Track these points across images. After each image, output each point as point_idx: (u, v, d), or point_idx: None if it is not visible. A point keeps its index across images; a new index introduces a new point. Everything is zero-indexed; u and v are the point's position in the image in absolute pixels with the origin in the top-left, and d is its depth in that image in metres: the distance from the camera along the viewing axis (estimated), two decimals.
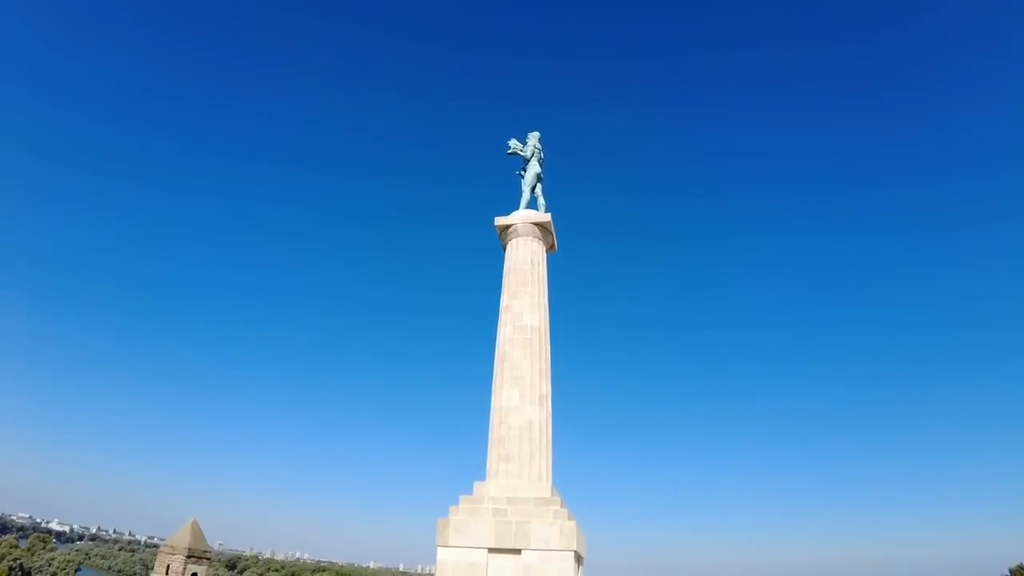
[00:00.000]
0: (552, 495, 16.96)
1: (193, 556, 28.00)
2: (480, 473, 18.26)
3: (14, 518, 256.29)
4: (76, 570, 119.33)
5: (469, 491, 17.41)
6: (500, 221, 20.88)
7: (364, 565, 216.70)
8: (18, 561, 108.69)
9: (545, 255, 20.83)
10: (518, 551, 15.69)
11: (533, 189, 21.73)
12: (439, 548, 16.12)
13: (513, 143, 22.29)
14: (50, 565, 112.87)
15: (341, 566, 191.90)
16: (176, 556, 27.74)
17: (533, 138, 22.42)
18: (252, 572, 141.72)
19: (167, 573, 27.74)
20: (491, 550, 15.87)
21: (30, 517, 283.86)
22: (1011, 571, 45.15)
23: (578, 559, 16.46)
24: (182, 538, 28.28)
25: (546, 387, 18.61)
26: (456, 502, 17.05)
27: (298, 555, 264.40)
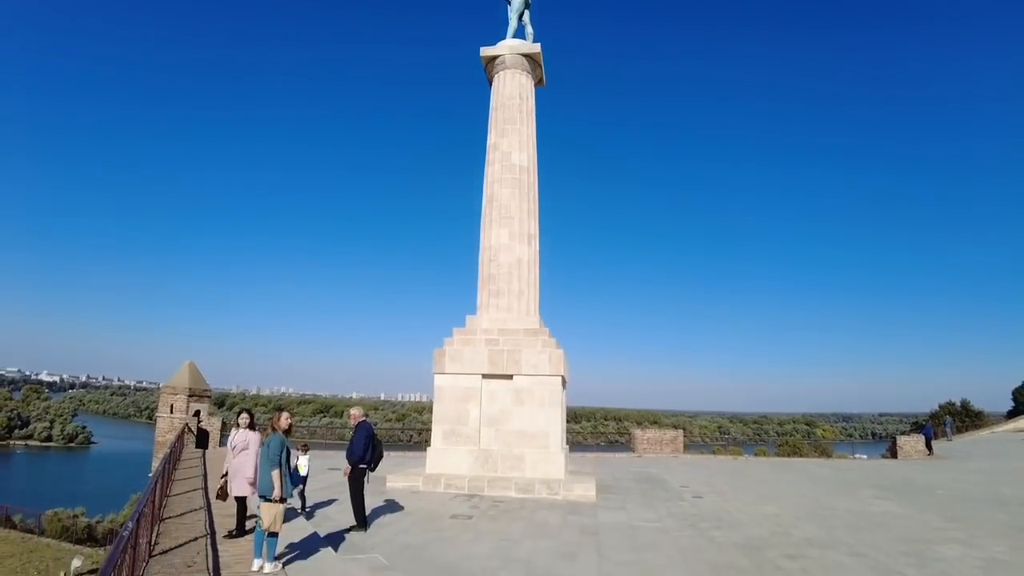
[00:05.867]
0: (540, 326, 17.91)
1: (194, 395, 29.45)
2: (469, 309, 19.02)
3: (3, 373, 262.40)
4: (73, 415, 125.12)
5: (461, 324, 18.25)
6: (486, 52, 19.64)
7: (347, 396, 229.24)
8: (15, 411, 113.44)
9: (534, 89, 19.98)
10: (510, 376, 16.85)
11: (521, 16, 20.16)
12: (436, 375, 17.18)
13: None
14: (47, 413, 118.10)
15: (325, 398, 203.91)
16: (178, 396, 29.13)
17: None
18: (240, 407, 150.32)
19: (171, 412, 29.31)
20: (485, 376, 16.99)
21: (19, 370, 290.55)
22: (940, 407, 51.28)
23: (563, 382, 17.81)
24: (181, 379, 29.52)
25: (534, 226, 18.82)
26: (450, 334, 17.91)
27: (283, 390, 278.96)
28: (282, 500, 7.66)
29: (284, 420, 8.27)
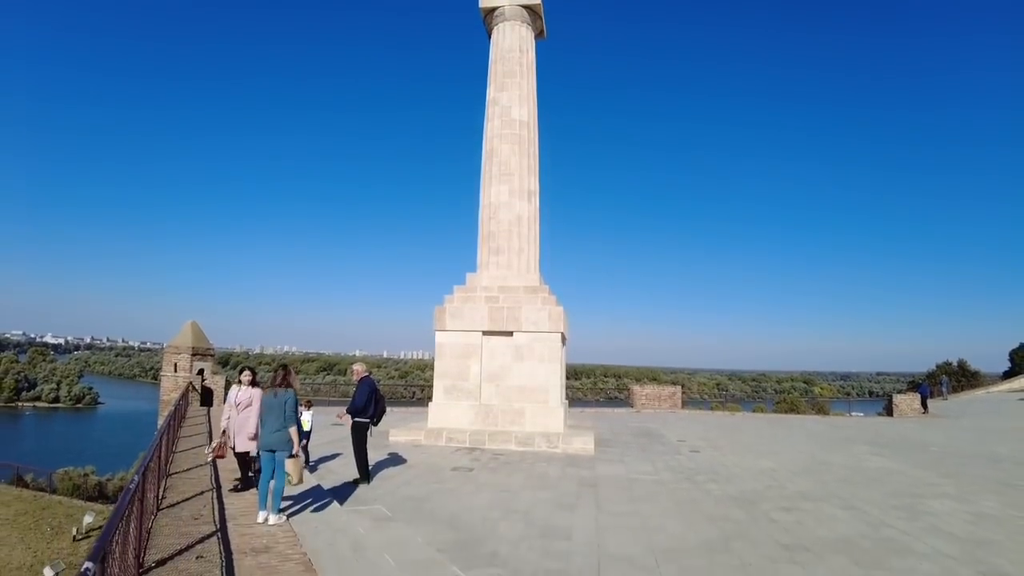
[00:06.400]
0: (540, 284, 17.89)
1: (197, 354, 29.69)
2: (469, 266, 18.97)
3: (8, 336, 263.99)
4: (79, 377, 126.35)
5: (462, 282, 18.22)
6: (485, 3, 19.02)
7: (350, 354, 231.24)
8: (22, 374, 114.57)
9: (534, 42, 19.45)
10: (510, 333, 16.91)
11: None
12: (437, 332, 17.24)
13: None
14: (53, 375, 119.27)
15: (328, 356, 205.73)
16: (182, 355, 29.36)
17: None
18: (243, 366, 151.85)
19: (175, 371, 29.57)
20: (485, 333, 17.06)
21: (23, 333, 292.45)
22: (937, 367, 51.92)
23: (563, 339, 17.89)
24: (184, 338, 29.70)
25: (534, 183, 18.60)
26: (451, 292, 17.90)
27: (286, 349, 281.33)
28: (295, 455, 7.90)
29: (296, 377, 8.40)
